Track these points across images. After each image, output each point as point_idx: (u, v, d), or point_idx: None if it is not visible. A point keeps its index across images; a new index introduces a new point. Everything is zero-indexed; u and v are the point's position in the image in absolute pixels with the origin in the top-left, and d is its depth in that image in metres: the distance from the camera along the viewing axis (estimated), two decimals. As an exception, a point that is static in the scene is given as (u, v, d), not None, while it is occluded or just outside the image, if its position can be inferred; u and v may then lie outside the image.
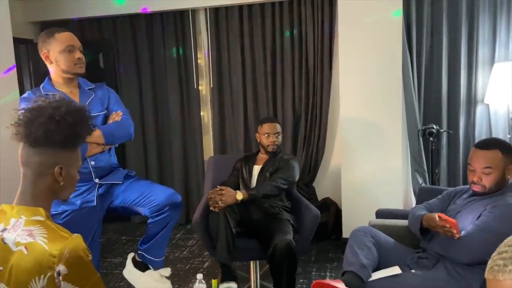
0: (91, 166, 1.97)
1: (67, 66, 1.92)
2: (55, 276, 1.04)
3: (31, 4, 4.00)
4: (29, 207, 1.13)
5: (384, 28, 3.13)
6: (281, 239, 2.30)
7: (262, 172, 2.70)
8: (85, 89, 2.04)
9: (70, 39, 1.94)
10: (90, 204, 1.99)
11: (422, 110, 3.54)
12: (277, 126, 2.77)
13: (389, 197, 3.18)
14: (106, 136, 1.96)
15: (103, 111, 2.05)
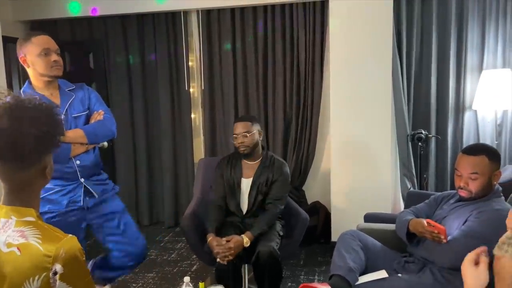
0: (76, 165, 1.99)
1: (43, 69, 1.93)
2: (50, 276, 1.03)
3: (21, 3, 3.96)
4: (19, 207, 1.11)
5: (374, 33, 3.17)
6: (264, 247, 2.28)
7: (255, 187, 2.52)
8: (65, 91, 2.05)
9: (46, 42, 1.95)
10: (77, 204, 2.01)
11: (411, 115, 3.57)
12: (245, 125, 2.50)
13: (377, 201, 3.20)
14: (88, 135, 1.99)
15: (84, 111, 2.07)
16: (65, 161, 1.94)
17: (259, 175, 2.53)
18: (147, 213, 4.23)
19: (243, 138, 2.49)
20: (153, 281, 3.05)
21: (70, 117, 2.01)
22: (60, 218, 1.96)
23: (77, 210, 2.03)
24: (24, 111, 1.09)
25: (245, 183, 2.56)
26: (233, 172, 2.58)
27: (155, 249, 3.64)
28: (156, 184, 4.25)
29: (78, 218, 2.04)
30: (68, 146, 1.93)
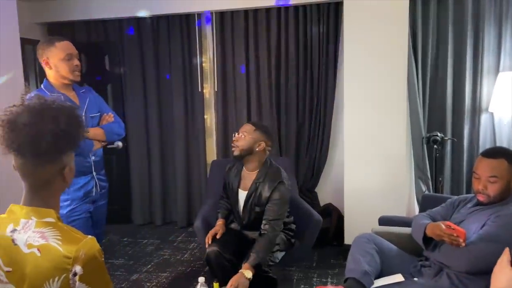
0: (92, 160, 2.21)
1: (66, 72, 2.08)
2: (70, 277, 1.04)
3: (38, 5, 4.03)
4: (39, 208, 1.12)
5: (389, 34, 3.14)
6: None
7: (249, 202, 2.39)
8: (80, 92, 2.23)
9: (69, 47, 2.11)
10: (91, 195, 2.22)
11: (427, 117, 3.53)
12: (248, 127, 2.40)
13: (392, 204, 3.17)
14: (107, 134, 2.24)
15: (98, 113, 2.29)
16: (87, 155, 2.17)
17: (253, 191, 2.39)
18: (160, 213, 4.26)
19: (238, 137, 2.40)
20: (167, 280, 3.07)
21: (88, 117, 2.19)
22: (76, 207, 2.13)
23: (89, 202, 2.21)
24: (46, 110, 1.11)
25: (241, 195, 2.47)
26: (234, 181, 2.51)
27: (168, 248, 3.67)
28: (169, 184, 4.28)
29: (89, 210, 2.22)
30: (91, 142, 2.15)
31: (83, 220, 2.16)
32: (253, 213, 2.41)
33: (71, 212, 2.11)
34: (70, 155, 1.18)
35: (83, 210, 2.17)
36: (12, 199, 1.21)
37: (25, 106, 1.11)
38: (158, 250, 3.63)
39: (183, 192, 4.18)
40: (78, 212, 2.14)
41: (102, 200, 2.34)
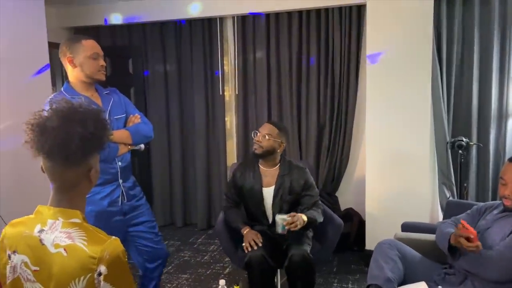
0: (118, 166, 2.05)
1: (91, 71, 1.97)
2: (95, 277, 1.07)
3: (66, 10, 4.14)
4: (66, 209, 1.15)
5: (413, 37, 3.09)
6: (297, 250, 2.26)
7: (278, 196, 2.45)
8: (103, 94, 2.10)
9: (96, 47, 2.01)
10: (116, 205, 2.04)
11: (451, 121, 3.46)
12: (271, 128, 2.45)
13: (415, 210, 3.11)
14: (133, 136, 2.08)
15: (123, 114, 2.14)
16: (112, 160, 2.01)
17: (280, 184, 2.46)
18: (181, 215, 4.31)
19: (262, 138, 2.45)
20: (187, 282, 3.10)
21: (113, 118, 2.06)
22: (102, 217, 1.98)
23: (118, 214, 2.05)
24: (74, 113, 1.15)
25: (267, 192, 2.49)
26: (253, 181, 2.51)
27: (189, 250, 3.70)
28: (189, 186, 4.32)
29: (118, 222, 2.06)
30: (116, 145, 2.00)
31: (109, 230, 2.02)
32: (285, 204, 2.46)
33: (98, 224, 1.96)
34: (96, 157, 1.21)
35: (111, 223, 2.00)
36: (40, 200, 1.24)
37: (53, 110, 1.15)
38: (179, 252, 3.67)
39: (204, 194, 4.22)
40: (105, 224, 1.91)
41: (136, 211, 2.12)
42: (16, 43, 3.02)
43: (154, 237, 2.20)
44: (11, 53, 2.99)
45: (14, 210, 2.61)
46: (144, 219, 2.16)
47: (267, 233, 2.48)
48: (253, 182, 2.51)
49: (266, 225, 2.54)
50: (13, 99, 2.95)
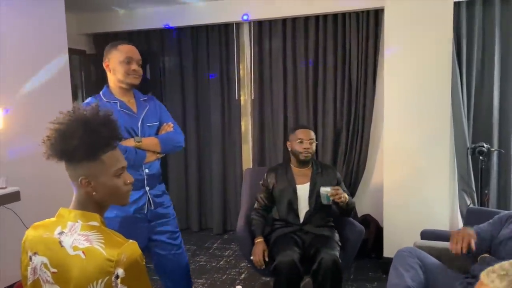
0: (145, 173, 2.03)
1: (121, 75, 1.99)
2: (112, 280, 1.07)
3: (85, 17, 4.22)
4: (85, 212, 1.16)
5: (432, 41, 3.04)
6: (327, 254, 2.25)
7: (314, 192, 2.53)
8: (140, 100, 2.11)
9: (130, 51, 2.01)
10: (142, 212, 2.03)
11: (472, 127, 3.39)
12: (310, 133, 2.61)
13: (434, 217, 3.05)
14: (163, 144, 2.06)
15: (157, 122, 2.12)
16: (139, 166, 2.00)
17: (315, 180, 2.57)
18: (196, 219, 4.32)
19: (309, 144, 2.57)
20: (203, 287, 3.09)
21: (146, 125, 2.05)
22: (126, 222, 1.97)
23: (143, 221, 2.04)
24: (95, 119, 1.17)
25: (301, 190, 2.57)
26: (287, 181, 2.59)
27: (204, 255, 3.70)
28: (205, 191, 4.33)
29: (142, 229, 2.05)
30: (144, 152, 1.99)
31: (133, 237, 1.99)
32: (319, 200, 2.52)
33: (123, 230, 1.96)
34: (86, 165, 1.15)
35: (135, 229, 1.99)
36: (62, 204, 1.26)
37: (74, 118, 1.17)
38: (194, 256, 3.67)
39: (219, 198, 4.22)
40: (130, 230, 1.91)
41: (161, 219, 2.09)
42: (37, 50, 3.08)
43: (176, 249, 2.14)
44: (32, 59, 3.05)
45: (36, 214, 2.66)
46: (168, 228, 2.12)
47: (295, 238, 2.49)
48: (287, 182, 2.59)
49: (297, 225, 2.55)
50: (33, 104, 3.01)
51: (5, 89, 2.83)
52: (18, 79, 2.94)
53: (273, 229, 2.62)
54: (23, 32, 2.98)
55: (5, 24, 2.84)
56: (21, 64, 2.97)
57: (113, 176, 1.18)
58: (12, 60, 2.90)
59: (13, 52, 2.90)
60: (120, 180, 1.20)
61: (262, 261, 2.42)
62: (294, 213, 2.56)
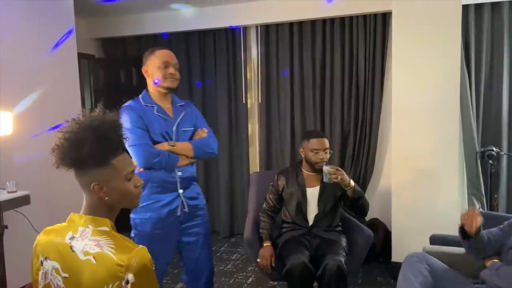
0: (178, 176, 2.05)
1: (159, 79, 2.03)
2: (122, 285, 1.08)
3: (94, 21, 4.26)
4: (96, 217, 1.17)
5: (440, 45, 3.02)
6: (332, 260, 2.24)
7: (324, 195, 2.53)
8: (177, 105, 2.14)
9: (167, 56, 2.05)
10: (175, 214, 2.06)
11: (481, 131, 3.37)
12: (326, 142, 2.55)
13: (443, 222, 3.02)
14: (196, 149, 2.08)
15: (192, 127, 2.16)
16: (171, 169, 2.03)
17: (327, 183, 2.48)
18: (203, 223, 4.31)
19: (325, 154, 2.51)
20: (210, 291, 3.09)
21: (180, 130, 2.09)
22: (159, 224, 2.01)
23: (175, 223, 2.07)
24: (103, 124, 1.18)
25: (311, 193, 2.56)
26: (297, 184, 2.58)
27: (211, 259, 3.70)
28: (212, 193, 4.34)
29: (174, 231, 2.08)
30: (176, 156, 2.02)
31: (165, 243, 2.03)
32: (329, 200, 2.52)
33: (155, 231, 2.00)
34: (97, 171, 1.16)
35: (167, 231, 2.03)
36: (72, 209, 1.27)
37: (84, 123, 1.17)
38: (202, 260, 3.67)
39: (226, 202, 4.22)
40: (163, 232, 2.02)
41: (193, 221, 2.12)
42: (47, 54, 3.11)
43: (202, 253, 2.17)
44: (42, 63, 3.08)
45: (46, 218, 2.67)
46: (198, 231, 2.14)
47: (303, 241, 2.49)
48: (297, 185, 2.57)
49: (306, 228, 2.55)
50: (43, 108, 3.04)
51: (15, 93, 2.86)
52: (28, 84, 2.97)
53: (281, 232, 2.62)
54: (33, 36, 3.01)
55: (15, 29, 2.88)
56: (31, 68, 3.00)
57: (124, 179, 1.19)
58: (22, 64, 2.93)
59: (23, 57, 2.93)
60: (131, 183, 1.22)
61: (269, 266, 2.42)
62: (302, 216, 2.56)
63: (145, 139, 1.95)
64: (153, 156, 1.94)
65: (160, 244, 1.99)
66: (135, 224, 2.05)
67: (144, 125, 1.98)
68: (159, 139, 2.00)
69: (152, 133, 1.99)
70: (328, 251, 2.34)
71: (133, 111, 1.99)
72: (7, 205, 2.50)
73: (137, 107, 2.01)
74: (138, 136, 1.93)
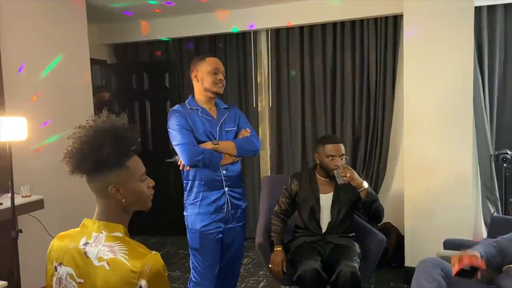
0: (223, 174, 2.17)
1: (209, 84, 2.17)
2: None
3: (106, 27, 4.31)
4: (109, 222, 1.18)
5: (453, 47, 2.99)
6: (346, 266, 2.22)
7: (337, 201, 2.50)
8: (221, 108, 2.27)
9: (216, 63, 2.20)
10: (222, 212, 2.18)
11: (495, 134, 3.32)
12: (342, 148, 2.48)
13: (457, 226, 2.98)
14: (238, 148, 2.18)
15: (234, 127, 2.27)
16: (215, 167, 2.14)
17: (340, 190, 2.49)
18: (214, 227, 4.32)
19: (341, 160, 2.46)
20: (221, 295, 3.09)
21: (223, 130, 2.20)
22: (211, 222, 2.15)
23: (222, 220, 2.18)
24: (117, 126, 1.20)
25: (325, 199, 2.53)
26: (310, 189, 2.55)
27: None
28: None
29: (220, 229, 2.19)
30: (220, 155, 2.13)
31: (214, 240, 2.16)
32: (343, 206, 2.49)
33: (204, 227, 2.14)
34: (113, 174, 1.16)
35: (216, 228, 2.16)
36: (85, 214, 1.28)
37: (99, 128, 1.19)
38: (213, 264, 3.67)
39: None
40: (211, 228, 2.15)
41: (235, 222, 2.25)
42: (60, 60, 3.16)
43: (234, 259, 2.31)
44: (55, 69, 3.13)
45: (59, 222, 2.70)
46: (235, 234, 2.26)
47: (316, 249, 2.46)
48: (310, 190, 2.55)
49: (319, 235, 2.53)
50: (56, 113, 3.09)
51: (29, 99, 2.90)
52: (41, 89, 3.02)
53: (294, 236, 2.60)
54: (46, 42, 3.06)
55: (29, 35, 2.93)
56: (45, 74, 3.05)
57: (139, 180, 1.21)
58: (36, 70, 2.98)
59: (37, 63, 2.98)
60: (145, 184, 1.23)
61: (281, 272, 2.41)
62: (316, 222, 2.53)
63: (190, 138, 2.09)
64: (196, 154, 2.06)
65: (211, 242, 2.13)
66: (187, 222, 2.20)
67: (189, 126, 2.11)
68: (204, 138, 2.13)
69: (197, 133, 2.12)
70: (342, 257, 2.32)
71: (179, 113, 2.13)
72: (21, 209, 2.54)
73: (182, 110, 2.16)
74: (183, 136, 2.07)
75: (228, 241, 2.25)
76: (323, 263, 2.37)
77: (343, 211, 2.50)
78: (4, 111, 2.66)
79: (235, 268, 2.36)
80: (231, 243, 2.26)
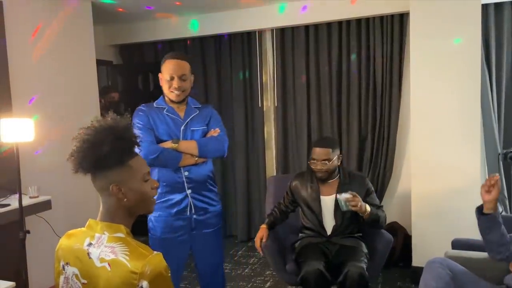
0: (184, 176, 2.06)
1: (165, 90, 2.10)
2: None
3: (112, 28, 4.33)
4: (111, 223, 1.18)
5: (460, 45, 2.97)
6: (354, 267, 2.21)
7: (340, 208, 2.40)
8: (192, 107, 2.16)
9: (172, 69, 2.04)
10: (184, 215, 2.08)
11: (502, 132, 3.29)
12: (326, 152, 2.41)
13: (464, 225, 2.95)
14: (200, 148, 2.06)
15: (202, 127, 2.15)
16: (173, 167, 2.04)
17: (342, 192, 2.40)
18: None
19: (322, 165, 2.42)
20: (228, 295, 3.10)
21: (189, 130, 2.10)
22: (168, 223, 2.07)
23: (185, 226, 2.09)
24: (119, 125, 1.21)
25: (326, 201, 2.50)
26: (311, 190, 2.54)
27: (229, 263, 3.70)
28: (229, 197, 4.34)
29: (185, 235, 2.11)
30: (179, 154, 2.03)
31: (176, 246, 2.06)
32: (348, 212, 2.40)
33: (165, 235, 2.05)
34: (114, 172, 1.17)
35: (179, 235, 2.07)
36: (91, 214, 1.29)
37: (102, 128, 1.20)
38: (219, 264, 3.67)
39: (243, 205, 4.22)
40: (172, 236, 2.06)
41: (204, 228, 2.12)
42: (66, 61, 3.18)
43: (213, 267, 2.22)
44: (62, 70, 3.15)
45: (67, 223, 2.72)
46: (208, 241, 2.16)
47: (322, 250, 2.45)
48: (311, 191, 2.53)
49: (325, 237, 2.51)
50: (63, 114, 3.10)
51: (35, 100, 2.92)
52: (48, 90, 3.03)
53: (300, 236, 2.60)
54: (52, 44, 3.08)
55: (35, 37, 2.95)
56: (51, 75, 3.07)
57: (142, 180, 1.21)
58: (42, 71, 3.00)
59: (42, 64, 3.00)
60: (148, 184, 1.23)
61: (259, 247, 2.50)
62: (319, 224, 2.52)
63: (150, 137, 2.01)
64: (151, 152, 1.97)
65: (172, 248, 2.03)
66: (149, 227, 2.11)
67: (150, 124, 2.05)
68: (166, 138, 2.05)
69: (157, 132, 2.05)
70: (349, 257, 2.31)
71: (142, 112, 2.08)
72: (29, 210, 2.56)
73: (145, 109, 2.10)
74: (143, 134, 1.98)
75: (199, 248, 2.15)
76: (329, 264, 2.36)
77: (347, 216, 2.46)
78: (11, 112, 2.68)
79: (215, 276, 2.23)
80: (202, 249, 2.15)
